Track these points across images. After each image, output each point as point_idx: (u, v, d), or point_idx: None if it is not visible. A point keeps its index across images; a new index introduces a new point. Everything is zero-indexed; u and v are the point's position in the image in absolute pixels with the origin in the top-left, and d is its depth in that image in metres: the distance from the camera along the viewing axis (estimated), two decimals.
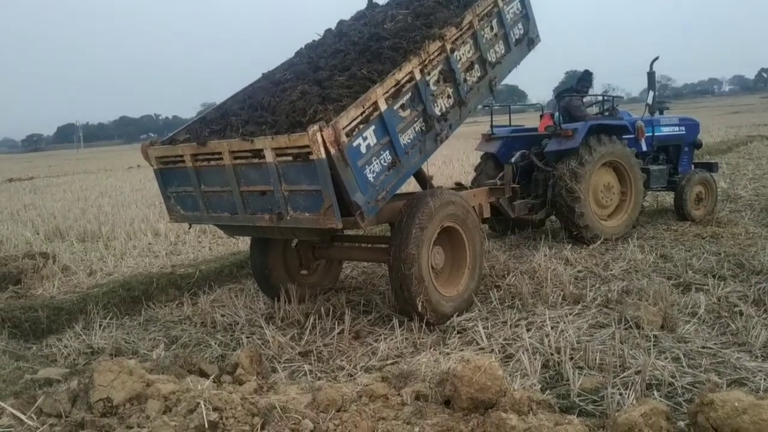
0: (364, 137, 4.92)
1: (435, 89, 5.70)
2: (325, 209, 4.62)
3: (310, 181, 4.67)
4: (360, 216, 4.81)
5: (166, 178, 5.80)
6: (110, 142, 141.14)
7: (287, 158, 4.72)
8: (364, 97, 4.87)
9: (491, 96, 6.70)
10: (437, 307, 5.44)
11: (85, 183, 24.49)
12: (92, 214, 13.16)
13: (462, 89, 5.99)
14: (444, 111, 5.83)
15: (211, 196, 5.48)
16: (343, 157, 4.61)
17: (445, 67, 5.81)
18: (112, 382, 3.68)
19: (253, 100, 5.78)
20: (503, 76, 6.80)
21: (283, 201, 4.88)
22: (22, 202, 17.79)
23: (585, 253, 7.66)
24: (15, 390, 3.78)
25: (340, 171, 4.60)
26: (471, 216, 5.89)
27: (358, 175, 4.81)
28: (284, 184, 4.83)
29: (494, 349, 4.91)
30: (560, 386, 4.15)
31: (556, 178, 8.00)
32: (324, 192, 4.59)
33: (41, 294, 7.00)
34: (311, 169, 4.59)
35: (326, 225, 4.72)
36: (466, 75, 6.11)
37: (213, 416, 3.39)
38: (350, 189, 4.73)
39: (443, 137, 5.83)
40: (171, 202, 5.86)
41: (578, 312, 5.58)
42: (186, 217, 5.84)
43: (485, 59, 6.37)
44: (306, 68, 6.00)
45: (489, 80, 6.44)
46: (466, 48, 6.12)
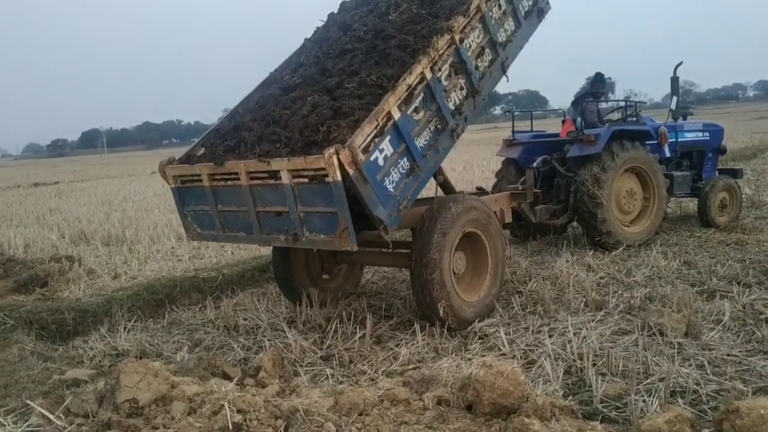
0: (381, 149, 4.87)
1: (447, 84, 5.58)
2: (341, 231, 4.60)
3: (325, 203, 4.65)
4: (383, 230, 4.81)
5: (184, 196, 5.85)
6: (133, 148, 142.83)
7: (303, 180, 4.72)
8: (377, 110, 4.81)
9: (504, 77, 6.39)
10: (459, 313, 5.44)
11: (109, 187, 24.80)
12: (116, 219, 13.33)
13: (474, 78, 5.83)
14: (458, 104, 5.70)
15: (228, 216, 5.50)
16: (361, 175, 4.59)
17: (456, 59, 5.64)
18: (137, 384, 3.74)
19: (265, 112, 5.73)
20: (515, 55, 6.53)
21: (298, 222, 4.87)
22: (47, 206, 18.07)
23: (607, 260, 7.62)
24: (44, 390, 3.86)
25: (359, 188, 4.59)
26: (493, 221, 5.88)
27: (378, 188, 4.78)
28: (300, 205, 4.82)
29: (516, 354, 4.91)
30: (583, 392, 4.13)
31: (578, 184, 7.97)
32: (339, 214, 4.57)
33: (67, 296, 7.11)
34: (327, 192, 4.57)
35: (342, 247, 4.71)
36: (477, 62, 5.92)
37: (237, 418, 3.43)
38: (371, 204, 4.71)
39: (459, 132, 5.73)
40: (188, 220, 5.91)
41: (600, 318, 5.55)
42: (203, 235, 5.88)
43: (495, 41, 6.14)
44: (314, 72, 5.93)
45: (501, 62, 6.22)
46: (475, 34, 5.91)
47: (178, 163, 5.86)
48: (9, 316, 5.93)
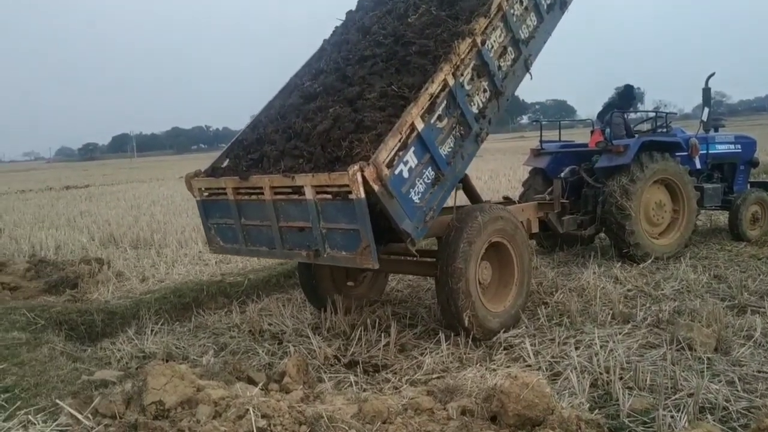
0: (405, 161, 4.83)
1: (469, 88, 5.48)
2: (363, 249, 4.59)
3: (348, 220, 4.64)
4: (410, 242, 4.80)
5: (208, 209, 5.88)
6: (162, 152, 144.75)
7: (326, 196, 4.72)
8: (400, 122, 4.76)
9: (528, 75, 6.23)
10: (484, 323, 5.41)
11: (138, 191, 25.16)
12: (145, 222, 13.51)
13: (497, 79, 5.72)
14: (481, 107, 5.62)
15: (251, 230, 5.52)
16: (387, 190, 4.57)
17: (478, 62, 5.54)
18: (164, 386, 3.78)
19: (287, 123, 5.69)
20: (539, 50, 6.38)
21: (321, 238, 4.87)
22: (78, 209, 18.37)
23: (635, 272, 7.52)
24: (72, 390, 3.91)
25: (385, 203, 4.58)
26: (520, 231, 5.84)
27: (403, 201, 4.77)
28: (323, 221, 4.82)
29: (541, 366, 4.86)
30: (609, 406, 4.08)
31: (606, 195, 7.89)
32: (362, 232, 4.55)
33: (96, 298, 7.22)
34: (350, 208, 4.56)
35: (363, 265, 4.70)
36: (499, 62, 5.82)
37: (261, 423, 3.45)
38: (397, 218, 4.70)
39: (483, 136, 5.67)
40: (212, 233, 5.93)
41: (628, 331, 5.48)
42: (225, 248, 5.90)
43: (518, 38, 6.00)
44: (334, 80, 5.87)
45: (524, 59, 6.10)
46: (497, 33, 5.79)
47: (203, 176, 5.90)
48: (40, 316, 6.03)
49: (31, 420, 3.55)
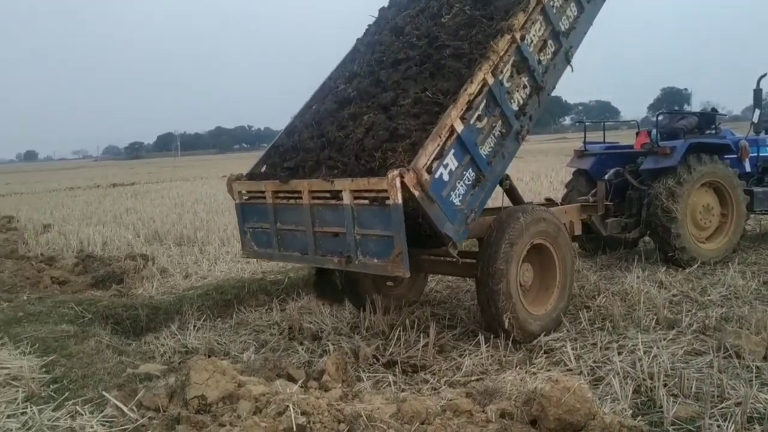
0: (445, 164, 4.79)
1: (509, 85, 5.38)
2: (395, 256, 4.54)
3: (383, 227, 4.61)
4: (452, 246, 4.78)
5: (246, 212, 5.91)
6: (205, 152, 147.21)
7: (363, 201, 4.71)
8: (439, 126, 4.72)
9: (569, 67, 6.07)
10: (524, 325, 5.36)
11: (182, 190, 25.62)
12: (188, 220, 13.74)
13: (537, 74, 5.61)
14: (522, 104, 5.51)
15: (285, 235, 5.51)
16: (427, 195, 4.56)
17: (518, 58, 5.43)
18: (206, 381, 3.84)
19: (321, 130, 5.70)
20: (579, 41, 6.18)
21: (354, 244, 4.84)
22: (124, 206, 18.82)
23: (680, 277, 7.35)
24: (118, 383, 4.01)
25: (426, 208, 4.57)
26: (562, 234, 5.76)
27: (444, 205, 4.74)
28: (357, 227, 4.80)
29: (582, 371, 4.79)
30: (653, 413, 4.00)
31: (651, 197, 7.73)
32: (396, 238, 4.52)
33: (141, 293, 7.39)
34: (386, 215, 4.54)
35: (394, 272, 4.66)
36: (539, 56, 5.68)
37: (301, 420, 3.48)
38: (438, 222, 4.68)
39: (524, 133, 5.57)
40: (247, 237, 5.94)
41: (672, 337, 5.36)
42: (258, 253, 5.91)
43: (558, 31, 5.83)
44: (368, 85, 5.84)
45: (565, 52, 5.94)
46: (536, 27, 5.64)
47: (245, 179, 5.96)
48: (87, 310, 6.20)
49: (78, 411, 3.66)
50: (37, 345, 4.97)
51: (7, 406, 3.87)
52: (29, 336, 5.19)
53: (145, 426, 3.51)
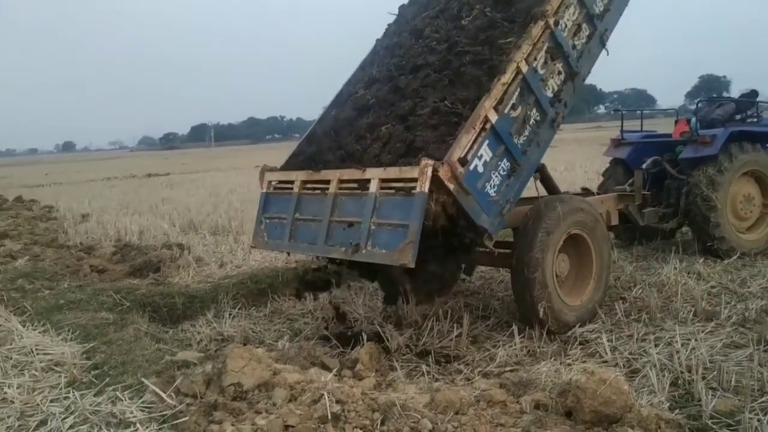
0: (479, 156, 4.74)
1: (543, 72, 5.27)
2: (405, 245, 4.44)
3: (402, 216, 4.55)
4: (488, 238, 4.76)
5: (269, 202, 5.89)
6: (238, 142, 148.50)
7: (389, 191, 4.70)
8: (473, 117, 4.68)
9: (604, 51, 5.93)
10: (559, 315, 5.31)
11: (216, 180, 25.92)
12: (223, 209, 13.89)
13: (572, 59, 5.48)
14: (556, 90, 5.41)
15: (300, 225, 5.46)
16: (462, 188, 4.54)
17: (552, 44, 5.31)
18: (242, 368, 3.89)
19: (339, 141, 5.69)
20: (615, 24, 6.02)
21: (366, 234, 4.75)
22: (160, 196, 19.10)
23: (719, 268, 7.20)
24: (157, 369, 4.09)
25: (461, 201, 4.55)
26: (600, 224, 5.69)
27: (479, 197, 4.71)
28: (375, 216, 4.74)
29: (618, 362, 4.74)
30: (690, 406, 3.93)
31: (691, 185, 7.58)
32: (411, 227, 4.43)
33: (177, 282, 7.51)
34: (408, 203, 4.50)
35: (399, 261, 4.49)
36: (573, 41, 5.55)
37: (336, 408, 3.50)
38: (474, 214, 4.65)
39: (559, 120, 5.48)
40: (261, 227, 5.89)
41: (711, 330, 5.26)
42: (268, 244, 5.85)
43: (592, 14, 5.68)
44: (387, 92, 5.78)
45: (600, 35, 5.80)
46: (570, 12, 5.48)
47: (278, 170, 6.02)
48: (125, 298, 6.32)
49: (119, 396, 3.74)
50: (78, 332, 5.09)
51: (51, 390, 3.98)
52: (70, 323, 5.32)
53: (183, 412, 3.58)
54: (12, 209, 16.73)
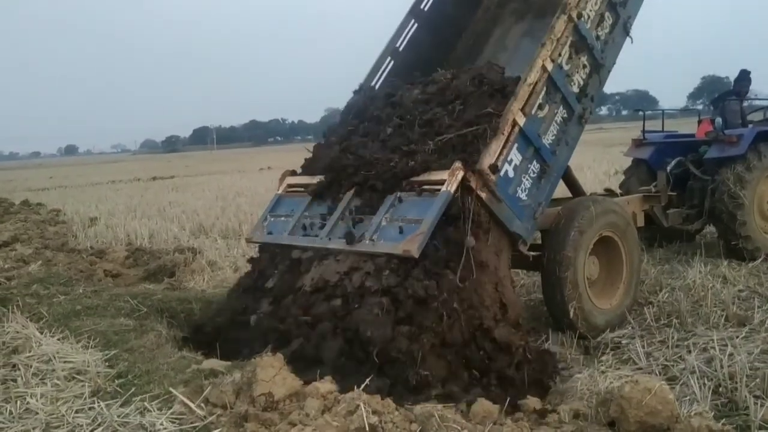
0: (509, 160, 4.65)
1: (568, 68, 5.18)
2: (415, 235, 4.26)
3: (419, 212, 4.42)
4: (522, 243, 4.67)
5: (280, 203, 5.73)
6: (240, 144, 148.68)
7: (411, 192, 4.59)
8: (502, 122, 4.57)
9: (629, 38, 5.82)
10: (589, 317, 5.21)
11: (221, 183, 25.80)
12: (232, 213, 13.79)
13: (596, 51, 5.39)
14: (582, 85, 5.32)
15: (305, 222, 5.27)
16: (495, 195, 4.45)
17: (575, 38, 5.21)
18: (273, 378, 3.77)
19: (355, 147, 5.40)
20: (637, 10, 5.90)
21: (375, 228, 4.59)
22: (167, 199, 19.02)
23: (744, 271, 7.06)
24: (184, 378, 3.95)
25: (493, 209, 4.46)
26: (631, 227, 5.60)
27: (511, 203, 4.62)
28: (391, 213, 4.61)
29: (654, 370, 4.61)
30: (736, 416, 3.81)
31: (717, 183, 7.48)
32: (425, 220, 4.29)
33: (193, 287, 7.38)
34: (428, 203, 4.38)
35: (403, 249, 4.26)
36: (597, 32, 5.44)
37: (373, 419, 3.38)
38: (507, 221, 4.56)
39: (587, 116, 5.38)
40: (264, 224, 5.71)
41: (746, 335, 5.12)
42: (266, 238, 5.62)
43: (615, 2, 5.58)
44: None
45: (623, 23, 5.69)
46: (593, 1, 5.38)
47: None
48: (142, 303, 6.16)
49: (147, 407, 3.61)
50: (98, 339, 4.95)
51: (75, 401, 3.85)
52: (89, 329, 5.18)
53: (213, 423, 3.45)
54: (20, 213, 16.64)
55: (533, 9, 6.87)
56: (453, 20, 7.09)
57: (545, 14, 6.51)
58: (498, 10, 7.19)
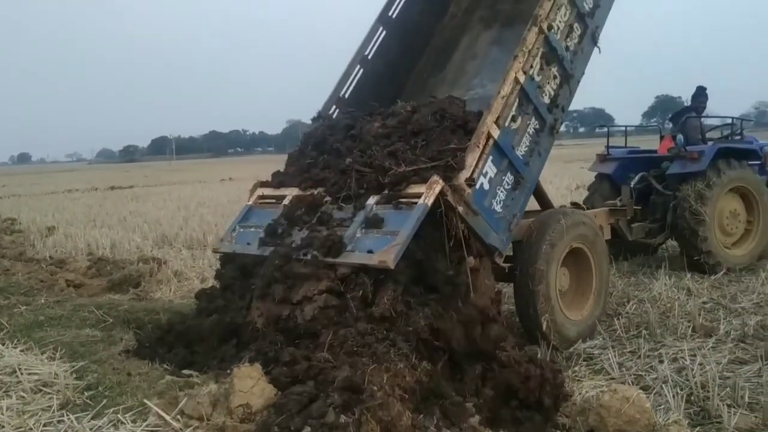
0: (484, 173, 4.65)
1: (540, 79, 5.19)
2: (391, 246, 4.17)
3: (395, 225, 4.35)
4: (498, 256, 4.68)
5: (250, 214, 5.61)
6: (200, 155, 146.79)
7: (387, 205, 4.54)
8: (477, 135, 4.58)
9: (597, 49, 5.87)
10: (561, 330, 5.25)
11: (182, 193, 25.42)
12: (195, 223, 13.56)
13: (566, 62, 5.42)
14: (553, 96, 5.35)
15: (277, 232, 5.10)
16: (471, 209, 4.44)
17: (546, 49, 5.22)
18: (251, 389, 3.70)
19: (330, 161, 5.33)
20: (604, 20, 5.94)
21: (349, 239, 4.49)
22: (127, 209, 18.63)
23: (707, 284, 7.25)
24: (158, 390, 3.86)
25: (469, 222, 4.44)
26: (600, 239, 5.67)
27: (487, 215, 4.62)
28: (365, 225, 4.53)
29: (627, 379, 4.67)
30: (709, 424, 3.90)
31: (679, 200, 7.67)
32: (401, 232, 4.21)
33: (160, 297, 7.23)
34: (404, 215, 4.33)
35: (379, 260, 4.16)
36: (566, 42, 5.47)
37: None
38: (483, 234, 4.55)
39: (558, 126, 5.44)
40: (232, 234, 5.55)
41: (713, 346, 5.25)
42: (233, 247, 5.44)
43: (583, 12, 5.59)
44: None
45: (591, 33, 5.73)
46: (562, 12, 5.39)
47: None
48: (108, 314, 6.02)
49: (120, 419, 3.51)
50: (64, 350, 4.80)
51: (42, 414, 3.72)
52: (54, 340, 5.04)
53: None
54: None
55: (501, 17, 6.90)
56: (420, 27, 7.08)
57: (513, 22, 6.60)
58: (466, 17, 7.19)
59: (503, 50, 6.39)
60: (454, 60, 6.97)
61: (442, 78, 6.88)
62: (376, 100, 6.05)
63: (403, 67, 6.98)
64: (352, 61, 6.48)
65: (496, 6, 7.00)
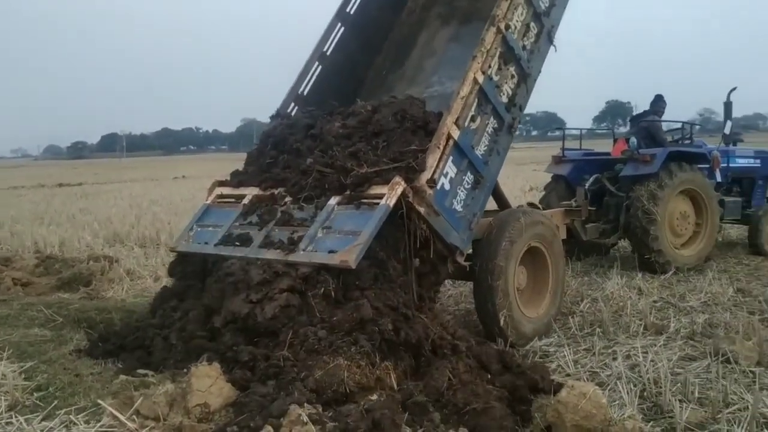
0: (445, 173, 4.69)
1: (497, 79, 5.23)
2: (353, 246, 4.18)
3: (356, 225, 4.35)
4: (459, 254, 4.72)
5: (208, 213, 5.53)
6: (151, 153, 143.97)
7: (349, 206, 4.54)
8: (437, 136, 4.61)
9: (552, 47, 5.94)
10: (518, 326, 5.32)
11: (134, 191, 24.95)
12: (148, 221, 13.32)
13: (523, 61, 5.47)
14: (511, 95, 5.41)
15: (234, 232, 5.05)
16: (433, 210, 4.47)
17: (504, 48, 5.26)
18: (209, 388, 3.64)
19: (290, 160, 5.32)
20: (560, 19, 6.03)
21: (310, 239, 4.48)
22: (76, 206, 18.17)
23: (657, 284, 7.45)
24: (112, 390, 3.76)
25: (431, 222, 4.47)
26: (557, 238, 5.77)
27: (448, 215, 4.66)
28: (326, 225, 4.52)
29: (582, 376, 4.74)
30: (662, 418, 3.97)
31: (632, 200, 7.89)
32: (364, 233, 4.21)
33: (111, 296, 7.06)
34: (366, 215, 4.34)
35: (340, 260, 4.14)
36: (523, 42, 5.52)
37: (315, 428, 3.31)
38: (444, 234, 4.58)
39: (516, 125, 5.52)
40: (190, 233, 5.46)
41: (664, 343, 5.38)
42: (191, 247, 5.36)
43: (539, 11, 5.66)
44: None
45: (547, 32, 5.79)
46: (519, 12, 5.42)
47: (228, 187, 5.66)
48: (57, 313, 5.84)
49: (73, 420, 3.40)
50: (11, 350, 4.63)
51: None
52: (1, 340, 4.86)
53: None
54: None
55: (458, 14, 6.96)
56: (379, 23, 7.08)
57: (471, 19, 6.68)
58: (423, 14, 7.22)
59: (461, 47, 6.44)
60: (413, 57, 7.00)
61: (401, 75, 6.91)
62: (335, 97, 6.06)
63: (362, 63, 6.98)
64: (310, 58, 6.45)
65: (453, 3, 7.06)
